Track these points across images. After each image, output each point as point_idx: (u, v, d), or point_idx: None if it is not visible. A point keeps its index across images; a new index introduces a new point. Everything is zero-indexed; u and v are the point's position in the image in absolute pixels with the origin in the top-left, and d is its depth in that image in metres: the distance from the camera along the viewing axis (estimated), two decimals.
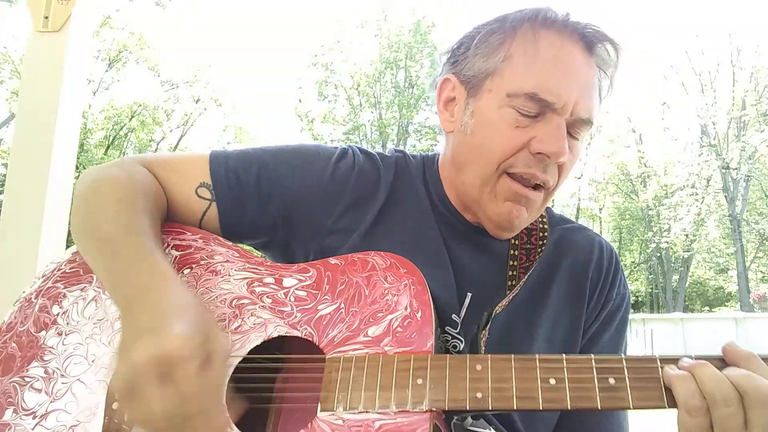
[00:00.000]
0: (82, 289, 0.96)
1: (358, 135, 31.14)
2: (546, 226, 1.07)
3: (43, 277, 0.99)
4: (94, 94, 26.38)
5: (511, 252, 1.04)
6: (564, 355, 0.76)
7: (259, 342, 0.88)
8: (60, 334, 0.92)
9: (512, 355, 0.78)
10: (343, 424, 0.78)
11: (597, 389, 0.73)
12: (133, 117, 26.64)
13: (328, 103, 31.64)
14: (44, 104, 1.96)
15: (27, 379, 0.89)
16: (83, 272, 0.98)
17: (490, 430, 0.88)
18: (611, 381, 0.73)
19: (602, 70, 0.98)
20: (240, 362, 0.86)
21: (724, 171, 29.64)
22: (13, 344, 0.92)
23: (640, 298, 38.68)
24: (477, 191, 0.97)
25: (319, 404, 0.80)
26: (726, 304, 34.81)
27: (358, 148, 1.09)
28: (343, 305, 0.89)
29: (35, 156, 1.93)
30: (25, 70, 2.03)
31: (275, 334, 0.89)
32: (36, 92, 1.99)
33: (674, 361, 0.74)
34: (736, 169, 29.41)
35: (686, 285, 33.76)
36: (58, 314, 0.94)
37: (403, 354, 0.82)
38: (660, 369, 0.73)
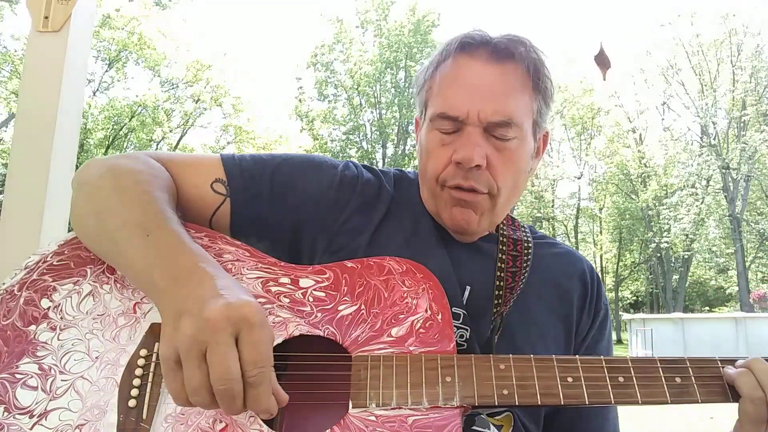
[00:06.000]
0: (75, 283, 0.91)
1: (358, 135, 31.15)
2: (530, 238, 1.18)
3: (25, 269, 0.92)
4: (94, 94, 26.41)
5: (500, 255, 1.13)
6: (577, 356, 0.86)
7: (280, 341, 0.87)
8: (53, 329, 0.86)
9: (532, 356, 0.85)
10: (376, 420, 0.80)
11: (609, 386, 0.83)
12: (133, 117, 26.65)
13: (328, 103, 31.64)
14: (44, 104, 1.96)
15: (18, 376, 0.82)
16: (74, 265, 0.93)
17: (489, 428, 0.94)
18: (620, 379, 0.83)
19: (529, 69, 1.05)
20: None
21: (724, 171, 29.65)
22: None
23: (640, 298, 38.70)
24: (432, 204, 1.10)
25: (350, 401, 0.82)
26: (726, 304, 34.83)
27: (360, 163, 1.19)
28: (363, 306, 0.90)
29: (35, 156, 1.93)
30: (25, 70, 2.03)
31: (296, 333, 0.88)
32: (36, 92, 1.99)
33: (674, 362, 0.86)
34: (736, 169, 29.42)
35: (686, 285, 33.79)
36: (48, 308, 0.88)
37: (428, 353, 0.86)
38: (660, 369, 0.84)
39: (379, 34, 31.52)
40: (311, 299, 0.91)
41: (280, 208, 1.05)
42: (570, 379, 0.83)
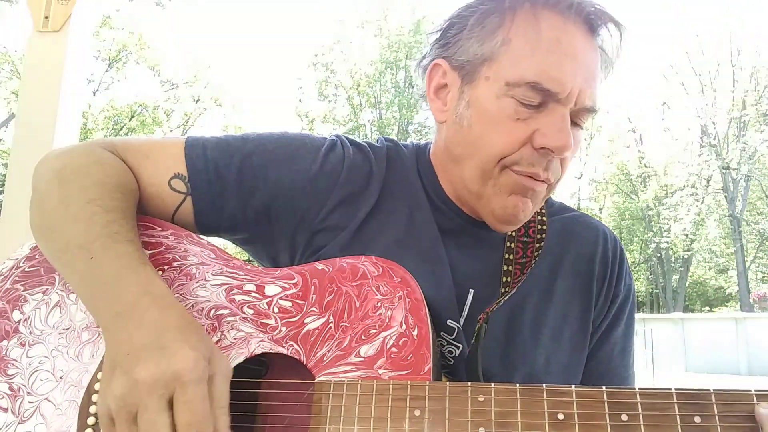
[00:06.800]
0: (44, 292, 0.88)
1: (358, 135, 31.16)
2: (545, 218, 1.00)
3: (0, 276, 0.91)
4: (94, 94, 26.41)
5: (508, 244, 0.97)
6: (573, 386, 0.72)
7: (241, 360, 0.82)
8: (23, 345, 0.85)
9: (517, 385, 0.73)
10: None
11: (609, 427, 0.69)
12: (133, 117, 26.67)
13: (328, 103, 31.69)
14: (44, 104, 1.96)
15: None
16: (44, 271, 0.90)
17: None
18: (624, 417, 0.69)
19: (605, 53, 0.92)
20: None
21: (724, 171, 29.65)
22: None
23: (640, 298, 38.64)
24: (478, 186, 0.90)
25: None
26: (726, 304, 34.80)
27: (347, 138, 1.02)
28: (332, 319, 0.82)
29: (35, 156, 1.93)
30: (25, 70, 2.03)
31: (258, 351, 0.82)
32: (36, 92, 1.99)
33: (695, 396, 0.68)
34: (736, 169, 29.42)
35: (686, 285, 33.78)
36: (19, 321, 0.86)
37: (398, 379, 0.76)
38: (675, 405, 0.68)
39: (379, 34, 31.52)
40: (276, 310, 0.84)
41: (248, 203, 0.93)
42: (561, 416, 0.70)
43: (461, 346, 0.90)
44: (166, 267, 0.88)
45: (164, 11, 27.02)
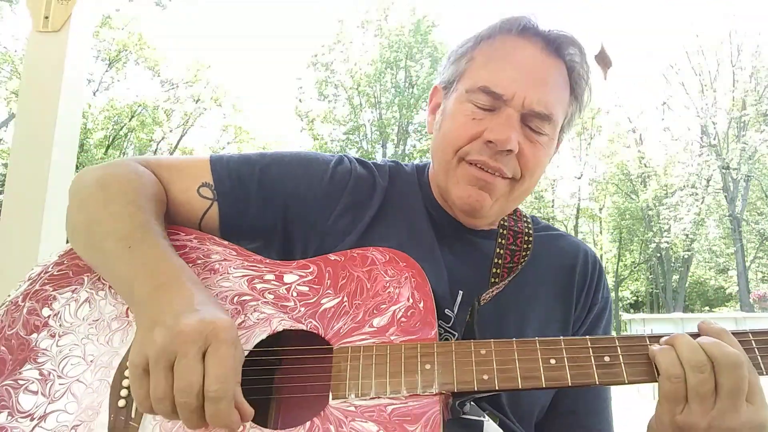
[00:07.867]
0: (73, 291, 0.95)
1: (358, 135, 31.15)
2: (531, 231, 1.16)
3: (29, 280, 0.97)
4: (94, 94, 26.41)
5: (497, 251, 1.11)
6: (561, 337, 0.83)
7: (264, 336, 0.89)
8: (53, 336, 0.90)
9: (514, 340, 0.84)
10: (355, 410, 0.81)
11: (594, 367, 0.81)
12: (133, 117, 26.67)
13: (328, 103, 31.65)
14: (44, 104, 1.96)
15: (21, 382, 0.86)
16: (72, 274, 0.97)
17: (484, 416, 0.92)
18: (606, 359, 0.81)
19: (574, 72, 1.06)
20: (247, 357, 0.85)
21: (724, 171, 29.65)
22: (2, 348, 0.90)
23: (640, 298, 38.70)
24: (443, 178, 1.06)
25: (330, 393, 0.83)
26: (726, 304, 34.82)
27: (354, 157, 1.16)
28: (346, 298, 0.91)
29: (35, 156, 1.94)
30: (25, 70, 2.03)
31: (280, 328, 0.90)
32: (36, 92, 1.99)
33: (660, 338, 0.83)
34: (736, 169, 29.42)
35: (686, 285, 33.78)
36: (49, 316, 0.92)
37: (409, 342, 0.85)
38: (648, 348, 0.82)
39: (380, 34, 31.52)
40: (295, 294, 0.93)
41: (268, 209, 1.05)
42: (553, 361, 0.81)
43: (456, 334, 1.00)
44: (190, 264, 0.95)
45: (164, 11, 26.97)
